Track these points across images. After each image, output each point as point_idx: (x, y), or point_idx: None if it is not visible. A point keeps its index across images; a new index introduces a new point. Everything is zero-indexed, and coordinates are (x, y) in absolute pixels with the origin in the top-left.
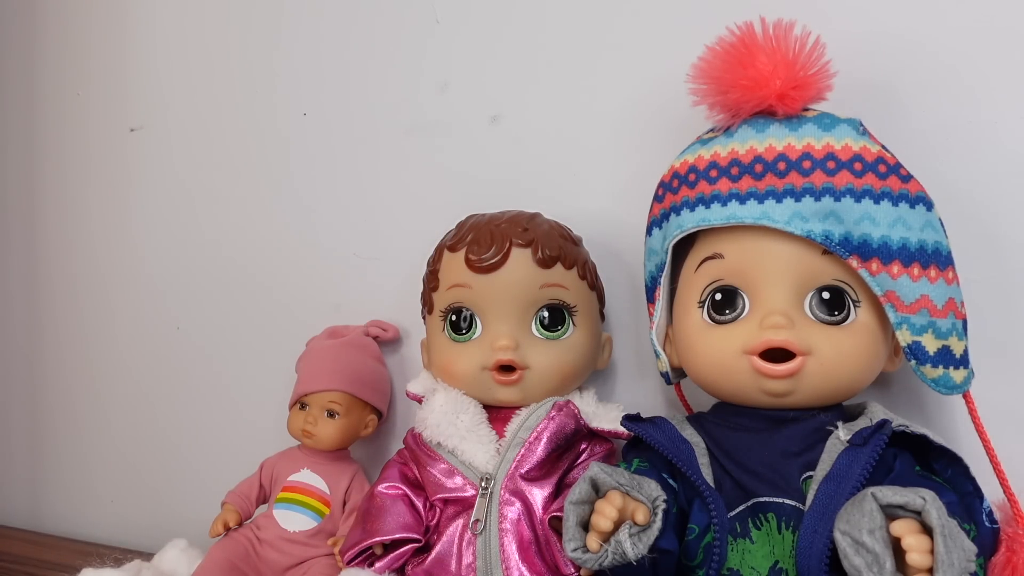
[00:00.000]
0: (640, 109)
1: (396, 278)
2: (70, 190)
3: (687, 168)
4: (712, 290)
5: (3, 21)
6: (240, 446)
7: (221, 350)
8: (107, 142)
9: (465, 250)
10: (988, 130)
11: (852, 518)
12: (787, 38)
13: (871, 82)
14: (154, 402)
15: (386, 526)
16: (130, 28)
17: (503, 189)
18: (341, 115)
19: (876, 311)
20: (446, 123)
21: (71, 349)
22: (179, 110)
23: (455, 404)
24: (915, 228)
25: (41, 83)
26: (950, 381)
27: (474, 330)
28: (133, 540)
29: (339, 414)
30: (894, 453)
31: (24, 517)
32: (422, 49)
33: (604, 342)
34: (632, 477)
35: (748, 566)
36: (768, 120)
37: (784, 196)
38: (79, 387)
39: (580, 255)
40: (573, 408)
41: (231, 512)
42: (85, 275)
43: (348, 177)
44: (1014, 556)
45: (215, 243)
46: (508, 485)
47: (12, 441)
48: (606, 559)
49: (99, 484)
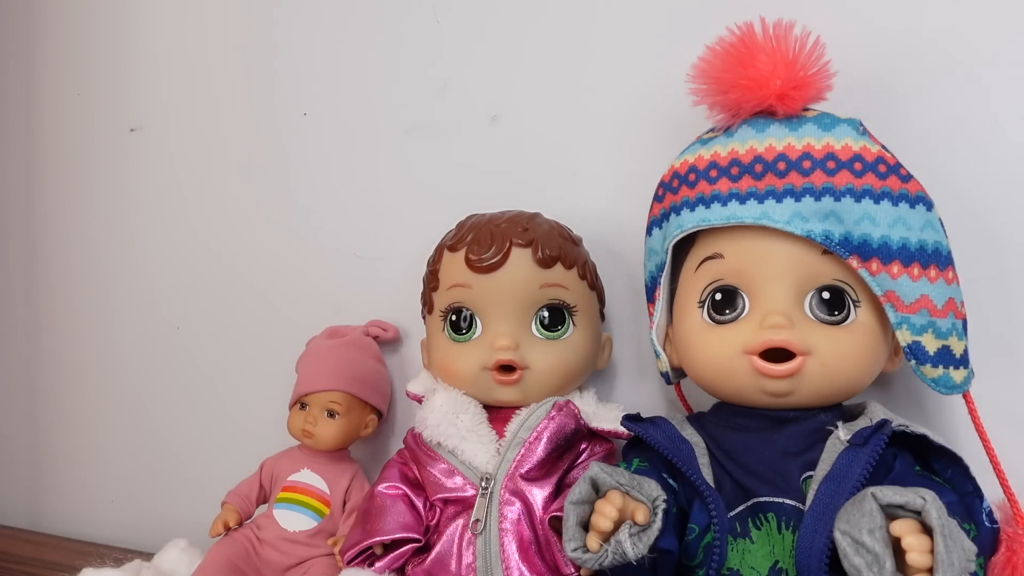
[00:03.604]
0: (640, 109)
1: (396, 278)
2: (70, 190)
3: (687, 168)
4: (712, 290)
5: (3, 21)
6: (240, 446)
7: (221, 350)
8: (107, 142)
9: (465, 250)
10: (988, 130)
11: (852, 518)
12: (787, 38)
13: (871, 82)
14: (154, 402)
15: (386, 526)
16: (130, 28)
17: (503, 189)
18: (341, 115)
19: (876, 311)
20: (446, 123)
21: (71, 349)
22: (179, 110)
23: (455, 404)
24: (915, 228)
25: (41, 83)
26: (950, 381)
27: (474, 330)
28: (133, 540)
29: (339, 414)
30: (894, 453)
31: (24, 517)
32: (422, 49)
33: (604, 342)
34: (632, 477)
35: (748, 566)
36: (768, 120)
37: (784, 196)
38: (79, 387)
39: (580, 255)
40: (573, 408)
41: (231, 512)
42: (85, 275)
43: (348, 177)
44: (1014, 556)
45: (215, 243)
46: (508, 485)
47: (12, 441)
48: (606, 559)
49: (99, 484)
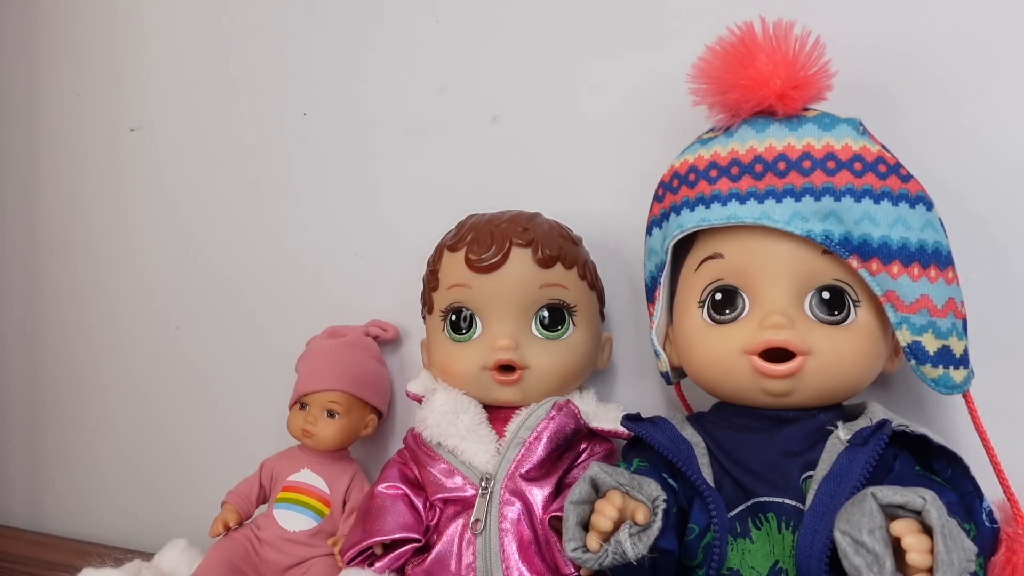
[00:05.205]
0: (640, 109)
1: (396, 278)
2: (70, 190)
3: (687, 168)
4: (712, 290)
5: (3, 21)
6: (240, 446)
7: (221, 350)
8: (107, 142)
9: (465, 250)
10: (988, 129)
11: (852, 518)
12: (787, 38)
13: (871, 82)
14: (154, 401)
15: (386, 526)
16: (130, 28)
17: (503, 189)
18: (341, 115)
19: (876, 311)
20: (446, 123)
21: (70, 349)
22: (179, 110)
23: (455, 404)
24: (915, 228)
25: (41, 83)
26: (950, 381)
27: (474, 330)
28: (133, 540)
29: (339, 414)
30: (894, 453)
31: (24, 517)
32: (422, 49)
33: (604, 342)
34: (632, 477)
35: (748, 566)
36: (768, 120)
37: (784, 196)
38: (79, 387)
39: (580, 255)
40: (573, 408)
41: (231, 512)
42: (85, 275)
43: (348, 177)
44: (1014, 556)
45: (215, 243)
46: (508, 485)
47: (12, 441)
48: (606, 559)
49: (99, 484)
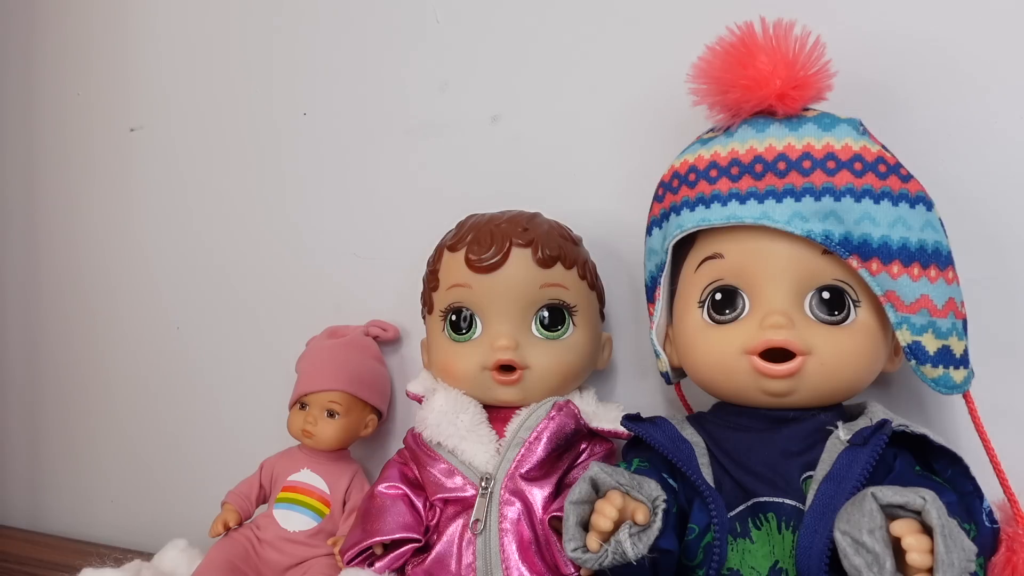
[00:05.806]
0: (640, 109)
1: (396, 278)
2: (70, 190)
3: (687, 168)
4: (712, 290)
5: (3, 21)
6: (240, 446)
7: (221, 350)
8: (107, 142)
9: (465, 250)
10: (988, 129)
11: (852, 518)
12: (787, 38)
13: (871, 82)
14: (154, 401)
15: (386, 526)
16: (130, 28)
17: (503, 189)
18: (341, 115)
19: (876, 311)
20: (446, 123)
21: (71, 349)
22: (179, 110)
23: (455, 404)
24: (915, 228)
25: (41, 83)
26: (950, 381)
27: (474, 330)
28: (133, 540)
29: (339, 414)
30: (894, 453)
31: (24, 517)
32: (422, 49)
33: (604, 342)
34: (632, 477)
35: (748, 566)
36: (768, 120)
37: (784, 196)
38: (79, 387)
39: (580, 255)
40: (573, 408)
41: (231, 512)
42: (85, 275)
43: (348, 177)
44: (1014, 556)
45: (215, 243)
46: (508, 485)
47: (12, 441)
48: (606, 559)
49: (99, 484)
